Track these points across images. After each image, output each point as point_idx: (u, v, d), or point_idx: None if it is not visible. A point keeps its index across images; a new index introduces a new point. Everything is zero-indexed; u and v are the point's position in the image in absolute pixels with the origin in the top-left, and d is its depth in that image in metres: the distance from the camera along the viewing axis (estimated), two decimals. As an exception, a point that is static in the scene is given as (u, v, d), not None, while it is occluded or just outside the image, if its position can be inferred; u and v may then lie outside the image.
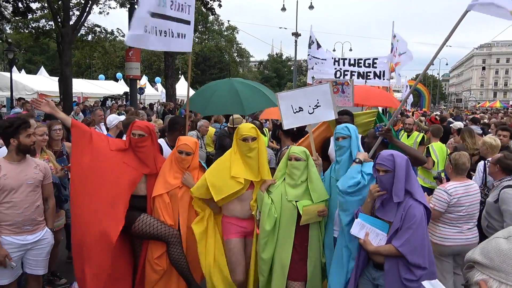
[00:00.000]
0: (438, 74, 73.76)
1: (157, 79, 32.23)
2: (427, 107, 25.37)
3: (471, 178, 4.30)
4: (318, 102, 3.72)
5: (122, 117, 6.02)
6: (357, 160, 3.20)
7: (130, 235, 3.50)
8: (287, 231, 3.27)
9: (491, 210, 3.89)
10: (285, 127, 3.94)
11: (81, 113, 12.53)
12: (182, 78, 32.95)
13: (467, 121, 11.16)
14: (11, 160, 3.26)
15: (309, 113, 3.75)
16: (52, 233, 3.60)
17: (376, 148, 3.56)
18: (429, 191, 4.76)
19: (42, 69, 28.85)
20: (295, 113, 3.79)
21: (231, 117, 6.72)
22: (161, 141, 4.29)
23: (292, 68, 50.46)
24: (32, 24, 17.99)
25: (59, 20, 14.90)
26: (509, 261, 0.84)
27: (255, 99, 6.65)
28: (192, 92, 7.84)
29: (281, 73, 66.90)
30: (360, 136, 4.15)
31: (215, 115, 7.95)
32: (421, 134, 7.27)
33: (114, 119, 5.69)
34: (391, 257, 2.70)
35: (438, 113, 18.35)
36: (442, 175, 5.13)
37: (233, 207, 3.44)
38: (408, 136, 7.17)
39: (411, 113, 16.57)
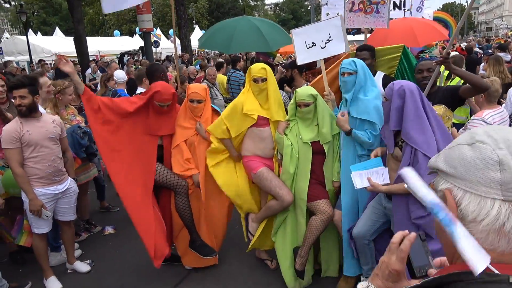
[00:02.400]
0: (466, 2, 68.87)
1: (171, 31, 31.62)
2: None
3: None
4: (330, 36, 3.66)
5: None
6: (348, 133, 3.13)
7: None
8: (304, 170, 3.34)
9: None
10: (299, 63, 3.94)
11: (98, 71, 12.60)
12: (197, 28, 32.18)
13: (493, 49, 10.54)
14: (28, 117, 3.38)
15: (321, 47, 3.71)
16: (76, 183, 3.85)
17: (433, 83, 3.26)
18: (458, 126, 4.51)
19: (57, 30, 28.62)
20: (308, 48, 3.76)
21: None
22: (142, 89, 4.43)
23: (309, 8, 48.18)
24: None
25: (66, -24, 14.52)
26: (473, 170, 0.79)
27: (277, 34, 6.41)
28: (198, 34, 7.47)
29: (299, 15, 64.20)
30: (382, 74, 3.98)
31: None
32: None
33: (123, 75, 6.27)
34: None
35: (465, 43, 17.36)
36: None
37: (254, 146, 3.48)
38: None
39: (434, 45, 15.73)
